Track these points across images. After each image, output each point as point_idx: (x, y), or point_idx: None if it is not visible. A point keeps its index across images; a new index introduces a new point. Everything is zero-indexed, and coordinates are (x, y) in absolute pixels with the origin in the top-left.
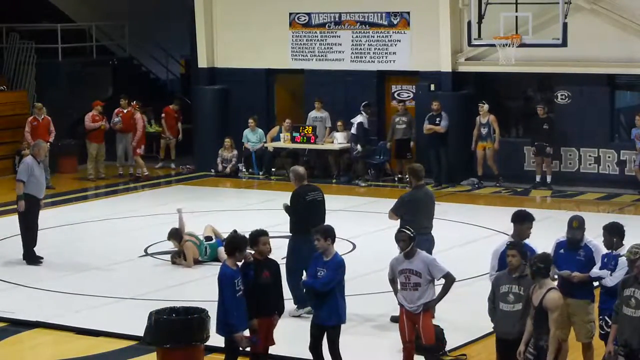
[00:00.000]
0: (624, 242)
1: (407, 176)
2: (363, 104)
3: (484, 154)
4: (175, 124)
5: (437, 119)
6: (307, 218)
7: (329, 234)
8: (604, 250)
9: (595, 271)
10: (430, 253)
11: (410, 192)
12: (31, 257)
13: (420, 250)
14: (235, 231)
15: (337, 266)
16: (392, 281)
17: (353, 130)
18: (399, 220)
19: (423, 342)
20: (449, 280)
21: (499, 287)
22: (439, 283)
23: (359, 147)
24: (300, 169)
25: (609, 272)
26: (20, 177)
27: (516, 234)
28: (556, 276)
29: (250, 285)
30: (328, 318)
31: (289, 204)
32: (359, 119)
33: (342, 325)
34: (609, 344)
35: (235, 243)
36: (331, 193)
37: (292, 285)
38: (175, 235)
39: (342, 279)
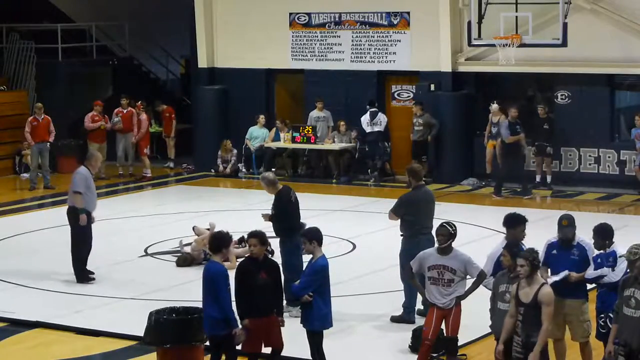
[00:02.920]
0: (614, 240)
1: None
2: (373, 102)
3: (493, 151)
4: (169, 123)
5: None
6: (294, 219)
7: (313, 236)
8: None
9: (593, 272)
10: None
11: (410, 192)
12: (83, 276)
13: (456, 248)
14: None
15: (314, 271)
16: (415, 274)
17: (381, 128)
18: (399, 220)
19: (449, 334)
20: (482, 277)
21: (498, 287)
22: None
23: (386, 144)
24: (271, 175)
25: (610, 268)
26: (78, 188)
27: (510, 237)
28: (550, 278)
29: (253, 285)
30: (305, 322)
31: (271, 213)
32: (384, 117)
33: (343, 326)
34: (609, 343)
35: (220, 240)
36: (331, 193)
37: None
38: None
39: (324, 283)
